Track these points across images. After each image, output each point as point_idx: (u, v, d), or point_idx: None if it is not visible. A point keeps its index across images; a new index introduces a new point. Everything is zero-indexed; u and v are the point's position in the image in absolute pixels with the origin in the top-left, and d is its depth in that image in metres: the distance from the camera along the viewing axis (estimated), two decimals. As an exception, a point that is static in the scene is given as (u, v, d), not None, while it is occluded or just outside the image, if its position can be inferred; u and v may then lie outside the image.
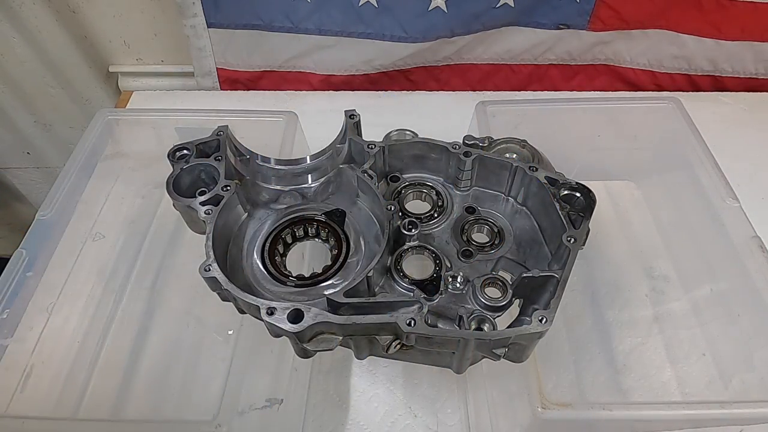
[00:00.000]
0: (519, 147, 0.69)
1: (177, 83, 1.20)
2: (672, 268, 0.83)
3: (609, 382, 0.72)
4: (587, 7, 1.00)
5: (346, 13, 1.02)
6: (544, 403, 0.55)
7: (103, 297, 0.81)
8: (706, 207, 0.75)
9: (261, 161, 0.69)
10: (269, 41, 1.07)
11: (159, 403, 0.72)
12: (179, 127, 0.84)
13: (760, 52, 1.04)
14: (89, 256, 0.83)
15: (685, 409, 0.56)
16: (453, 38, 1.05)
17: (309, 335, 0.52)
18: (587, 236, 0.56)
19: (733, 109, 1.06)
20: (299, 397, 0.71)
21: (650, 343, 0.76)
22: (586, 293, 0.81)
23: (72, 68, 1.18)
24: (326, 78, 1.13)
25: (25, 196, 1.52)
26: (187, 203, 0.62)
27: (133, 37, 1.13)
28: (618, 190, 0.95)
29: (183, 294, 0.82)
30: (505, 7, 0.99)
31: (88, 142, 0.82)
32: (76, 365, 0.74)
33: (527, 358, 0.54)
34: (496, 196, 0.67)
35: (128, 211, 0.92)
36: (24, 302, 0.68)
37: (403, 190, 0.69)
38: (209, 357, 0.75)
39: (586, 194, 0.59)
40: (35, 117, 1.29)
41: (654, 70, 1.10)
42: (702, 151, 0.77)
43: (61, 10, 1.07)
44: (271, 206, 0.68)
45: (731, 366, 0.71)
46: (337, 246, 0.63)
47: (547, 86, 1.14)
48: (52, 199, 0.75)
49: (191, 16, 1.03)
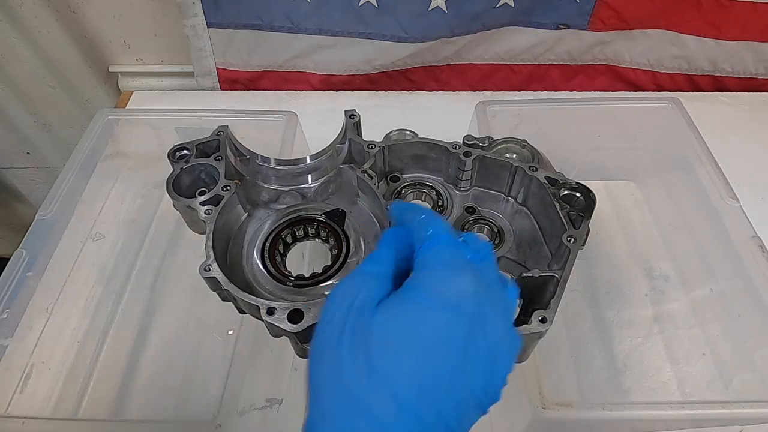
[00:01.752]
0: (519, 147, 0.69)
1: (177, 83, 1.20)
2: (672, 268, 0.83)
3: (609, 382, 0.72)
4: (587, 7, 1.00)
5: (346, 13, 1.02)
6: (544, 403, 0.55)
7: (103, 297, 0.81)
8: (706, 207, 0.75)
9: (261, 161, 0.68)
10: (269, 41, 1.07)
11: (159, 403, 0.72)
12: (179, 127, 0.84)
13: (760, 52, 1.04)
14: (89, 256, 0.83)
15: (685, 409, 0.56)
16: (453, 38, 1.05)
17: (309, 335, 0.52)
18: (587, 236, 0.56)
19: (733, 109, 1.06)
20: (299, 397, 0.71)
21: (650, 343, 0.76)
22: (586, 293, 0.81)
23: (72, 68, 1.18)
24: (326, 78, 1.13)
25: (25, 196, 1.52)
26: (187, 203, 0.62)
27: (133, 37, 1.13)
28: (618, 190, 0.95)
29: (183, 294, 0.82)
30: (505, 7, 0.99)
31: (88, 142, 0.82)
32: (76, 365, 0.74)
33: (527, 358, 0.54)
34: (496, 196, 0.67)
35: (128, 211, 0.92)
36: (24, 302, 0.68)
37: (403, 190, 0.69)
38: (209, 357, 0.75)
39: (586, 194, 0.59)
40: (35, 117, 1.29)
41: (654, 70, 1.10)
42: (702, 151, 0.77)
43: (61, 10, 1.07)
44: (271, 206, 0.68)
45: (731, 366, 0.71)
46: (337, 246, 0.63)
47: (547, 86, 1.14)
48: (52, 199, 0.75)
49: (191, 16, 1.03)
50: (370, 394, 0.33)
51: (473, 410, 0.36)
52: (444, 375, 0.34)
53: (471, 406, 0.36)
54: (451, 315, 0.36)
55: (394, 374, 0.33)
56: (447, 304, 0.36)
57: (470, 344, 0.35)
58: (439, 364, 0.34)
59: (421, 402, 0.33)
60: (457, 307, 0.36)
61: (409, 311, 0.36)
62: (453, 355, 0.35)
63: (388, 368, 0.34)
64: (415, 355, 0.34)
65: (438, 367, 0.34)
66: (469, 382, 0.35)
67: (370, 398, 0.33)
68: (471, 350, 0.35)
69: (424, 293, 0.37)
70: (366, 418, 0.33)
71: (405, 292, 0.38)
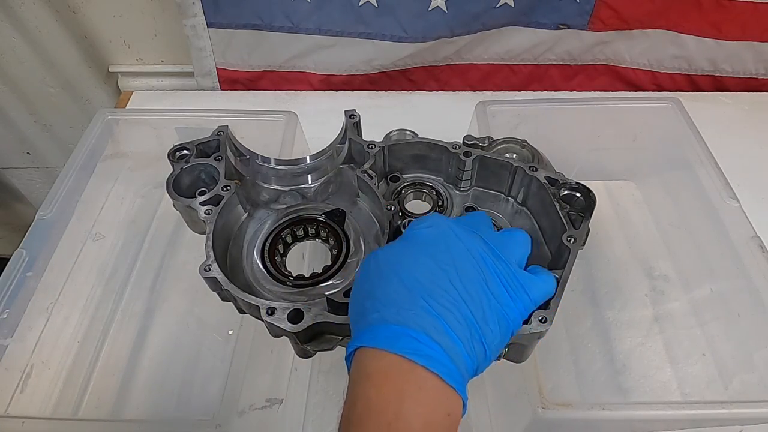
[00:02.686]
0: (519, 147, 0.69)
1: (177, 83, 1.20)
2: (672, 268, 0.83)
3: (609, 382, 0.72)
4: (587, 7, 1.00)
5: (346, 13, 1.02)
6: (544, 403, 0.55)
7: (103, 297, 0.81)
8: (706, 207, 0.75)
9: (261, 161, 0.68)
10: (269, 41, 1.07)
11: (159, 403, 0.72)
12: (179, 127, 0.84)
13: (760, 52, 1.04)
14: (89, 256, 0.83)
15: (685, 409, 0.56)
16: (453, 38, 1.05)
17: (309, 335, 0.52)
18: (587, 236, 0.56)
19: (733, 109, 1.06)
20: (299, 397, 0.71)
21: (650, 343, 0.76)
22: (586, 293, 0.81)
23: (72, 68, 1.18)
24: (326, 78, 1.13)
25: (25, 196, 1.52)
26: (187, 203, 0.62)
27: (133, 37, 1.13)
28: (618, 190, 0.95)
29: (183, 294, 0.82)
30: (505, 7, 0.99)
31: (88, 142, 0.82)
32: (76, 365, 0.74)
33: (527, 358, 0.54)
34: (496, 196, 0.67)
35: (128, 211, 0.92)
36: (24, 302, 0.68)
37: (403, 190, 0.69)
38: (209, 357, 0.75)
39: (586, 194, 0.59)
40: (35, 117, 1.29)
41: (654, 70, 1.10)
42: (702, 151, 0.77)
43: (61, 10, 1.07)
44: (271, 206, 0.68)
45: (731, 366, 0.71)
46: (337, 246, 0.63)
47: (547, 86, 1.14)
48: (52, 199, 0.75)
49: (191, 16, 1.03)
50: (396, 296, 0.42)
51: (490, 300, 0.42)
52: (429, 270, 0.42)
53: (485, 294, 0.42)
54: (426, 230, 0.46)
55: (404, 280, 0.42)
56: (424, 226, 0.46)
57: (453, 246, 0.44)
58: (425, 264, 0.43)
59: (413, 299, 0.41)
60: (430, 225, 0.46)
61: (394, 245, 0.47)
62: (436, 253, 0.43)
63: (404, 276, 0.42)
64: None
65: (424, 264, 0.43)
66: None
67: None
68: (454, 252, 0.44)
69: (407, 232, 0.47)
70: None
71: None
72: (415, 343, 0.38)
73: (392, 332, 0.39)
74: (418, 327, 0.39)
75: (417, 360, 0.37)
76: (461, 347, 0.39)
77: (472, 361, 0.40)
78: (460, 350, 0.39)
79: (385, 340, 0.39)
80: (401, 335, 0.38)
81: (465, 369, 0.39)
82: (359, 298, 0.44)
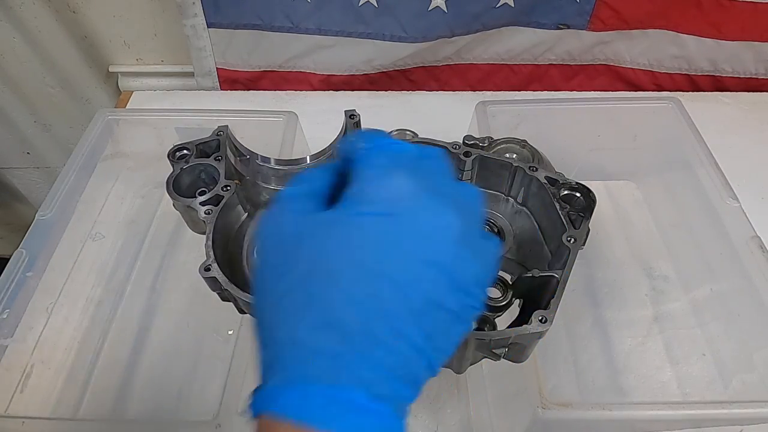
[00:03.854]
0: (519, 147, 0.69)
1: (177, 83, 1.20)
2: (672, 268, 0.83)
3: (609, 382, 0.72)
4: (587, 7, 1.00)
5: (346, 13, 1.02)
6: (544, 403, 0.55)
7: (103, 297, 0.81)
8: (706, 207, 0.75)
9: (261, 161, 0.68)
10: (269, 41, 1.07)
11: (159, 403, 0.72)
12: (179, 127, 0.84)
13: (760, 52, 1.04)
14: (89, 256, 0.83)
15: (685, 409, 0.56)
16: (453, 38, 1.05)
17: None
18: (587, 236, 0.56)
19: (733, 109, 1.06)
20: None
21: (650, 343, 0.76)
22: (586, 293, 0.81)
23: (72, 68, 1.18)
24: (326, 78, 1.13)
25: (25, 196, 1.52)
26: (187, 203, 0.62)
27: (133, 37, 1.13)
28: (618, 190, 0.95)
29: (183, 294, 0.82)
30: (505, 7, 0.99)
31: (88, 142, 0.82)
32: (76, 365, 0.74)
33: (527, 358, 0.54)
34: (496, 196, 0.67)
35: (128, 211, 0.92)
36: (24, 302, 0.68)
37: (403, 190, 0.69)
38: (209, 357, 0.75)
39: (586, 194, 0.59)
40: (35, 117, 1.29)
41: (654, 70, 1.10)
42: (702, 151, 0.77)
43: (61, 10, 1.07)
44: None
45: (731, 366, 0.71)
46: (337, 246, 0.63)
47: (547, 86, 1.14)
48: (52, 199, 0.75)
49: (191, 16, 1.03)
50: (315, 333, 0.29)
51: (449, 320, 0.31)
52: (386, 288, 0.29)
53: (443, 313, 0.30)
54: (385, 222, 0.30)
55: (333, 301, 0.29)
56: (378, 212, 0.30)
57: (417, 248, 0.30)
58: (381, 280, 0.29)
59: (365, 327, 0.28)
60: (389, 214, 0.30)
61: (333, 232, 0.31)
62: (397, 265, 0.30)
63: (327, 295, 0.29)
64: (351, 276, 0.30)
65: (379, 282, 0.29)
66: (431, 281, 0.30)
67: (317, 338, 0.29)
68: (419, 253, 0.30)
69: (350, 206, 0.31)
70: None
71: (332, 211, 0.32)
72: (363, 418, 0.27)
73: (327, 399, 0.27)
74: (359, 384, 0.28)
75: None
76: (411, 395, 0.30)
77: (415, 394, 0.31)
78: (410, 398, 0.30)
79: (319, 411, 0.27)
80: (341, 404, 0.27)
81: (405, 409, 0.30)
82: (274, 297, 0.31)
